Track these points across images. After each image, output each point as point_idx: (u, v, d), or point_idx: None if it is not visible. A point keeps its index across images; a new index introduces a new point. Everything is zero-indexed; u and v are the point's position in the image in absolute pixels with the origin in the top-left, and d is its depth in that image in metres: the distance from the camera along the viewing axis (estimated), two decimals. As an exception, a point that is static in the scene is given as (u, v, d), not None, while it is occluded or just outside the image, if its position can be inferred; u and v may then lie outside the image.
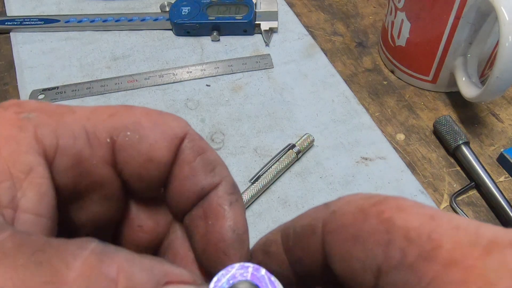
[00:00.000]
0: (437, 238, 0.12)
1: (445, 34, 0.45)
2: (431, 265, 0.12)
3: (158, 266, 0.13)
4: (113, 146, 0.16)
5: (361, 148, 0.45)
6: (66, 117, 0.16)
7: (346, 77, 0.52)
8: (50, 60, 0.53)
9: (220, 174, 0.17)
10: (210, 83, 0.51)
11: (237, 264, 0.15)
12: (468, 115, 0.48)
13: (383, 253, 0.13)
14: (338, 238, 0.14)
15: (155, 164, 0.16)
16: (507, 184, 0.43)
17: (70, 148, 0.15)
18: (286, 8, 0.59)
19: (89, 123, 0.16)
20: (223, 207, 0.17)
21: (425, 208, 0.13)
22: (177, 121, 0.17)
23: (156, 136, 0.16)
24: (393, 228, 0.13)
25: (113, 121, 0.16)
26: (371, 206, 0.14)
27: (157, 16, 0.56)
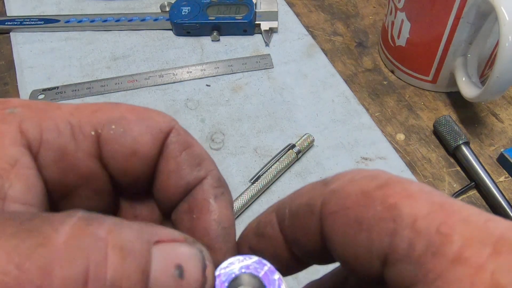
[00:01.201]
0: (447, 232, 0.12)
1: (445, 34, 0.45)
2: (440, 260, 0.11)
3: (148, 227, 0.13)
4: (98, 140, 0.16)
5: (361, 148, 0.45)
6: (51, 112, 0.16)
7: (346, 77, 0.52)
8: (50, 60, 0.53)
9: (206, 168, 0.17)
10: (210, 83, 0.51)
11: (256, 257, 0.15)
12: (468, 115, 0.48)
13: (389, 242, 0.12)
14: (340, 221, 0.14)
15: (139, 157, 0.16)
16: (507, 184, 0.43)
17: (54, 141, 0.15)
18: (286, 8, 0.59)
19: (74, 118, 0.16)
20: (208, 201, 0.17)
21: (433, 194, 0.13)
22: (163, 116, 0.17)
23: (140, 130, 0.16)
24: (400, 216, 0.12)
25: (98, 116, 0.16)
26: (375, 189, 0.13)
27: (157, 16, 0.56)
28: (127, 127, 0.16)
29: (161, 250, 0.13)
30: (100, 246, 0.12)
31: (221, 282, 0.15)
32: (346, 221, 0.13)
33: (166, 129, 0.17)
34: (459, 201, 0.13)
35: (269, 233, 0.16)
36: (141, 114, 0.17)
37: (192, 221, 0.17)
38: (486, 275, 0.11)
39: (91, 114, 0.16)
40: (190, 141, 0.17)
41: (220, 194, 0.17)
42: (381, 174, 0.14)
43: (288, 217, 0.16)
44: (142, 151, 0.16)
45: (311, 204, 0.15)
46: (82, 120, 0.16)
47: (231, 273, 0.15)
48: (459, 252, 0.11)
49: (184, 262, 0.13)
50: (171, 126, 0.17)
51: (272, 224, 0.16)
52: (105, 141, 0.16)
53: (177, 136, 0.17)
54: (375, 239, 0.13)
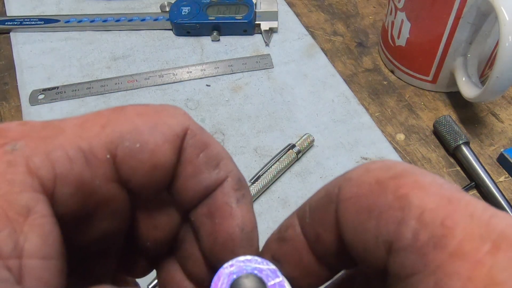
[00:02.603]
0: (450, 225, 0.12)
1: (445, 34, 0.45)
2: (439, 253, 0.12)
3: None
4: (114, 161, 0.15)
5: (361, 148, 0.45)
6: (57, 139, 0.14)
7: (346, 77, 0.52)
8: (50, 60, 0.53)
9: (225, 169, 0.17)
10: (210, 83, 0.51)
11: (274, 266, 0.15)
12: (468, 115, 0.48)
13: (395, 231, 0.13)
14: (352, 207, 0.14)
15: (160, 169, 0.15)
16: (507, 184, 0.43)
17: (69, 173, 0.14)
18: (286, 8, 0.59)
19: (83, 141, 0.14)
20: (230, 205, 0.16)
21: (444, 188, 0.13)
22: (176, 117, 0.16)
23: (156, 140, 0.15)
24: (409, 206, 0.13)
25: (108, 133, 0.15)
26: (389, 179, 0.13)
27: (157, 16, 0.56)
28: (142, 140, 0.15)
29: None
30: None
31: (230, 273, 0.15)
32: (358, 208, 0.14)
33: (182, 133, 0.16)
34: (469, 195, 0.13)
35: (290, 236, 0.16)
36: (153, 119, 0.15)
37: (214, 226, 0.16)
38: (483, 270, 0.11)
39: (100, 132, 0.15)
40: (206, 141, 0.16)
41: (241, 197, 0.17)
42: (397, 164, 0.14)
43: (308, 214, 0.16)
44: (161, 163, 0.15)
45: (330, 193, 0.15)
46: (93, 142, 0.14)
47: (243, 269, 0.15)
48: (459, 246, 0.11)
49: None
50: (186, 127, 0.16)
51: (293, 226, 0.16)
52: (122, 161, 0.15)
53: (193, 137, 0.16)
54: (383, 227, 0.13)
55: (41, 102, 0.48)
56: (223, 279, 0.15)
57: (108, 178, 0.15)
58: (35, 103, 0.48)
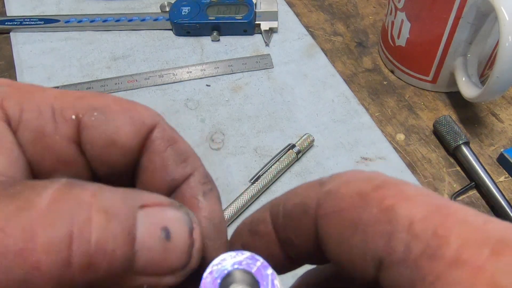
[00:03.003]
0: (444, 234, 0.11)
1: (445, 34, 0.45)
2: (437, 263, 0.11)
3: (132, 192, 0.13)
4: (78, 125, 0.16)
5: (361, 148, 0.45)
6: (35, 94, 0.16)
7: (346, 77, 0.52)
8: (50, 60, 0.53)
9: (192, 164, 0.17)
10: (210, 83, 0.51)
11: (249, 253, 0.15)
12: (468, 115, 0.48)
13: (385, 245, 0.12)
14: (334, 223, 0.13)
15: (119, 147, 0.16)
16: (507, 184, 0.43)
17: (33, 122, 0.15)
18: (286, 8, 0.59)
19: (57, 101, 0.16)
20: (197, 198, 0.16)
21: (429, 196, 0.12)
22: (149, 111, 0.17)
23: (123, 120, 0.16)
24: (396, 219, 0.12)
25: (82, 102, 0.16)
26: (372, 191, 0.13)
27: (157, 16, 0.56)
28: (110, 115, 0.16)
29: (146, 213, 0.13)
30: (84, 208, 0.12)
31: (213, 279, 0.14)
32: (341, 223, 0.13)
33: (150, 123, 0.16)
34: (457, 203, 0.12)
35: (262, 231, 0.16)
36: (126, 105, 0.16)
37: None
38: (486, 276, 0.11)
39: (75, 100, 0.16)
40: (176, 137, 0.17)
41: (208, 190, 0.17)
42: (378, 175, 0.14)
43: (282, 216, 0.15)
44: (122, 142, 0.16)
45: (306, 204, 0.14)
46: (65, 104, 0.16)
47: (223, 270, 0.14)
48: (457, 254, 0.11)
49: (170, 225, 0.13)
50: (156, 121, 0.16)
51: (266, 222, 0.16)
52: (85, 127, 0.16)
53: (162, 131, 0.16)
54: (370, 242, 0.12)
55: (41, 102, 0.48)
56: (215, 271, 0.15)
57: (68, 137, 0.16)
58: (35, 103, 0.48)
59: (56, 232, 0.12)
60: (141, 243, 0.13)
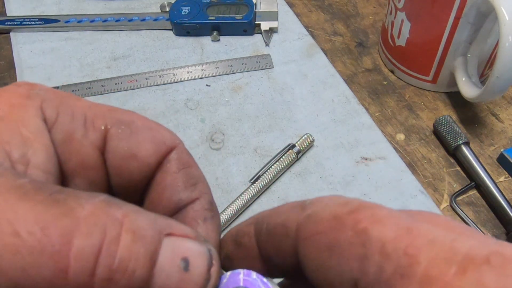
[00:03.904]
0: (414, 253, 0.12)
1: (445, 34, 0.45)
2: (408, 282, 0.12)
3: (163, 219, 0.14)
4: (105, 134, 0.17)
5: (361, 148, 0.45)
6: (71, 101, 0.17)
7: (346, 77, 0.52)
8: (50, 60, 0.53)
9: (200, 190, 0.18)
10: (210, 83, 0.51)
11: (228, 273, 0.15)
12: (468, 115, 0.48)
13: (359, 267, 0.13)
14: (313, 246, 0.14)
15: (137, 161, 0.17)
16: (507, 184, 0.43)
17: (66, 125, 0.16)
18: (286, 8, 0.59)
19: (90, 111, 0.17)
20: (197, 221, 0.17)
21: (401, 218, 0.13)
22: (170, 133, 0.18)
23: (145, 137, 0.17)
24: (369, 241, 0.13)
25: (112, 114, 0.17)
26: (347, 214, 0.14)
27: (157, 16, 0.56)
28: (135, 131, 0.17)
29: (171, 241, 0.14)
30: (116, 226, 0.13)
31: None
32: (319, 246, 0.14)
33: (170, 144, 0.18)
34: (427, 224, 0.13)
35: (246, 244, 0.17)
36: (150, 124, 0.18)
37: None
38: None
39: (106, 112, 0.17)
40: (190, 162, 0.18)
41: (210, 217, 0.18)
42: (354, 200, 0.14)
43: (264, 233, 0.16)
44: (142, 156, 0.17)
45: (287, 227, 0.15)
46: (97, 114, 0.17)
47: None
48: (426, 272, 0.11)
49: (191, 257, 0.14)
50: (176, 144, 0.18)
51: (249, 235, 0.17)
52: (111, 137, 0.17)
53: (179, 154, 0.18)
54: (345, 264, 0.13)
55: (41, 102, 0.48)
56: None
57: (95, 144, 0.17)
58: (35, 103, 0.48)
59: (89, 241, 0.12)
60: (160, 269, 0.13)
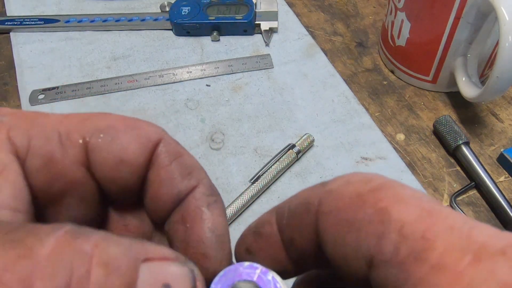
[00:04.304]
0: (431, 238, 0.12)
1: (445, 34, 0.45)
2: (421, 266, 0.12)
3: (137, 244, 0.13)
4: (86, 148, 0.16)
5: (361, 148, 0.45)
6: (39, 120, 0.16)
7: (346, 77, 0.52)
8: (50, 60, 0.53)
9: (197, 177, 0.17)
10: (210, 83, 0.51)
11: (247, 263, 0.15)
12: (468, 115, 0.48)
13: (376, 245, 0.13)
14: (332, 221, 0.14)
15: (127, 166, 0.16)
16: (507, 184, 0.43)
17: (42, 148, 0.15)
18: (286, 8, 0.59)
19: (62, 126, 0.16)
20: (201, 209, 0.17)
21: (423, 201, 0.13)
22: (153, 126, 0.17)
23: (128, 139, 0.16)
24: (389, 220, 0.13)
25: (87, 124, 0.16)
26: (369, 192, 0.13)
27: (157, 16, 0.56)
28: (115, 135, 0.16)
29: (149, 268, 0.13)
30: (84, 260, 0.12)
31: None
32: (338, 221, 0.14)
33: (155, 139, 0.17)
34: (448, 208, 0.13)
35: (266, 232, 0.16)
36: (130, 123, 0.17)
37: (186, 231, 0.17)
38: (464, 282, 0.11)
39: (80, 123, 0.16)
40: (180, 151, 0.17)
41: (212, 202, 0.17)
42: (376, 178, 0.14)
43: (286, 215, 0.16)
44: (130, 159, 0.16)
45: (309, 203, 0.15)
46: (71, 128, 0.16)
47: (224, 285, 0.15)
48: (440, 258, 0.11)
49: (172, 282, 0.13)
50: (160, 136, 0.17)
51: (270, 223, 0.16)
52: (93, 149, 0.16)
53: (167, 146, 0.17)
54: (363, 241, 0.13)
55: (41, 102, 0.48)
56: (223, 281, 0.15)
57: (77, 161, 0.16)
58: (35, 103, 0.48)
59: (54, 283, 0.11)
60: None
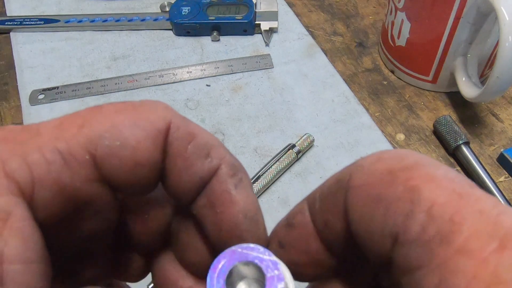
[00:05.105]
0: (458, 221, 0.12)
1: (445, 34, 0.45)
2: (446, 248, 0.11)
3: None
4: (94, 161, 0.14)
5: (361, 148, 0.45)
6: (33, 141, 0.14)
7: (346, 77, 0.52)
8: (50, 60, 0.53)
9: (217, 156, 0.16)
10: (210, 83, 0.51)
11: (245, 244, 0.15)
12: (468, 115, 0.48)
13: (403, 223, 0.12)
14: (361, 195, 0.14)
15: (142, 167, 0.15)
16: (507, 184, 0.43)
17: (47, 176, 0.14)
18: (286, 8, 0.59)
19: (61, 143, 0.14)
20: (229, 192, 0.16)
21: (455, 182, 0.13)
22: (156, 112, 0.15)
23: (137, 136, 0.15)
24: (418, 199, 0.12)
25: (86, 133, 0.14)
26: (400, 170, 0.13)
27: (157, 16, 0.56)
28: (122, 137, 0.14)
29: None
30: None
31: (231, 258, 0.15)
32: (367, 196, 0.13)
33: (164, 127, 0.15)
34: (480, 191, 0.13)
35: (299, 222, 0.16)
36: (132, 116, 0.15)
37: (217, 216, 0.16)
38: (489, 268, 0.11)
39: (78, 133, 0.14)
40: (192, 131, 0.16)
41: (239, 182, 0.16)
42: (410, 155, 0.14)
43: (318, 200, 0.15)
44: (144, 160, 0.15)
45: (341, 179, 0.15)
46: (70, 143, 0.14)
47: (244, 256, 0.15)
48: (465, 242, 0.11)
49: None
50: (168, 121, 0.15)
51: (303, 212, 0.16)
52: (102, 161, 0.14)
53: (177, 130, 0.15)
54: (390, 218, 0.13)
55: (41, 102, 0.48)
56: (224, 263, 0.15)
57: (89, 179, 0.14)
58: (35, 103, 0.48)
59: None
60: None
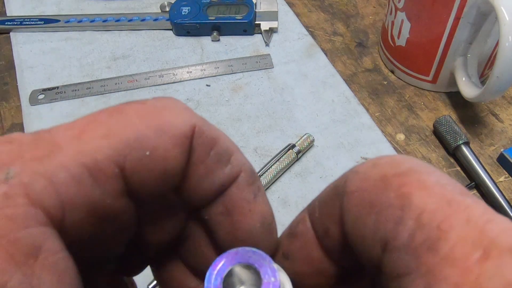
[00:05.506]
0: (445, 229, 0.12)
1: (445, 34, 0.45)
2: (432, 256, 0.11)
3: None
4: (123, 174, 0.13)
5: (361, 148, 0.45)
6: (55, 157, 0.12)
7: (346, 77, 0.52)
8: (50, 60, 0.53)
9: (237, 163, 0.16)
10: (210, 83, 0.51)
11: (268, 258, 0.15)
12: (468, 115, 0.48)
13: (393, 229, 0.12)
14: (355, 201, 0.14)
15: (172, 176, 0.14)
16: (507, 184, 0.43)
17: (77, 197, 0.12)
18: (286, 8, 0.59)
19: (86, 157, 0.13)
20: (248, 201, 0.16)
21: (446, 189, 0.13)
22: (180, 115, 0.15)
23: (166, 145, 0.14)
24: (409, 206, 0.12)
25: (113, 144, 0.13)
26: (394, 176, 0.13)
27: (157, 16, 0.56)
28: (151, 147, 0.14)
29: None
30: None
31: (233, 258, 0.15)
32: (361, 202, 0.14)
33: (189, 132, 0.14)
34: (471, 198, 0.12)
35: (301, 231, 0.16)
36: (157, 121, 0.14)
37: (233, 224, 0.16)
38: (471, 277, 0.11)
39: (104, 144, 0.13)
40: (215, 136, 0.15)
41: (257, 190, 0.16)
42: (405, 162, 0.14)
43: (318, 208, 0.16)
44: (172, 168, 0.14)
45: (337, 185, 0.15)
46: (98, 157, 0.13)
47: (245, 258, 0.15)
48: (451, 250, 0.11)
49: None
50: (193, 125, 0.15)
51: (303, 220, 0.16)
52: (131, 173, 0.13)
53: (201, 135, 0.15)
54: (381, 224, 0.13)
55: (41, 102, 0.48)
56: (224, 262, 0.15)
57: (118, 194, 0.13)
58: (35, 103, 0.48)
59: None
60: None
